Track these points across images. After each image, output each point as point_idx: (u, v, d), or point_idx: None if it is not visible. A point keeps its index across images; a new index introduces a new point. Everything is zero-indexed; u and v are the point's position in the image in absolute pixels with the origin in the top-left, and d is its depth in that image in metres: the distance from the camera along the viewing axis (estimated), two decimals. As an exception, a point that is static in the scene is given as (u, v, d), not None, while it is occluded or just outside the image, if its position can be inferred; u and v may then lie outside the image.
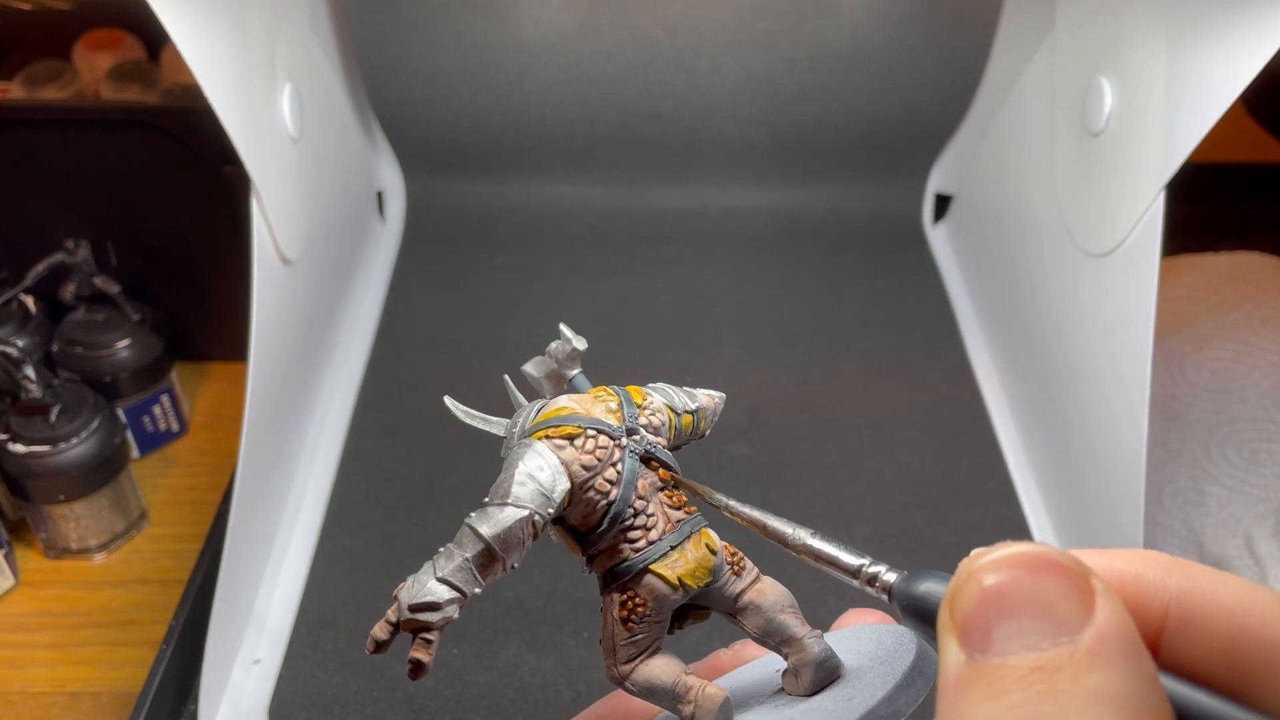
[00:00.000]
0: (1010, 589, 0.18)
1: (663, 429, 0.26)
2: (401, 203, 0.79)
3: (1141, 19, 0.50)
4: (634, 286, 0.72)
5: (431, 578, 0.23)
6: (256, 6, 0.51)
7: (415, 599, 0.23)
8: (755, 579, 0.25)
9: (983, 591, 0.18)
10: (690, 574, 0.25)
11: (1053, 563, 0.18)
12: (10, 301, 0.60)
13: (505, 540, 0.23)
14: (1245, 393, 0.59)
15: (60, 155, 0.61)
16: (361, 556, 0.54)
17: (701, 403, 0.28)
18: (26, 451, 0.53)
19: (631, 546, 0.25)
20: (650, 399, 0.26)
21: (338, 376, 0.65)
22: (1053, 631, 0.17)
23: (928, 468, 0.60)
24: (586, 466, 0.24)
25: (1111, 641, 0.17)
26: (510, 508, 0.24)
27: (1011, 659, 0.17)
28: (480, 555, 0.23)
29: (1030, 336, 0.62)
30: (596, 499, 0.25)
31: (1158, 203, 0.48)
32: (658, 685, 0.25)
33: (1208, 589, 0.20)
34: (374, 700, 0.48)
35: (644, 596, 0.25)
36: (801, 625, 0.25)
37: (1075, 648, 0.17)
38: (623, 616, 0.25)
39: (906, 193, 0.79)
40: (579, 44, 0.74)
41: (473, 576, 0.23)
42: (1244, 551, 0.53)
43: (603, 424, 0.25)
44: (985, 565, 0.18)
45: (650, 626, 0.25)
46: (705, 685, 0.25)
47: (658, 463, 0.25)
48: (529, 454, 0.24)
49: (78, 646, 0.53)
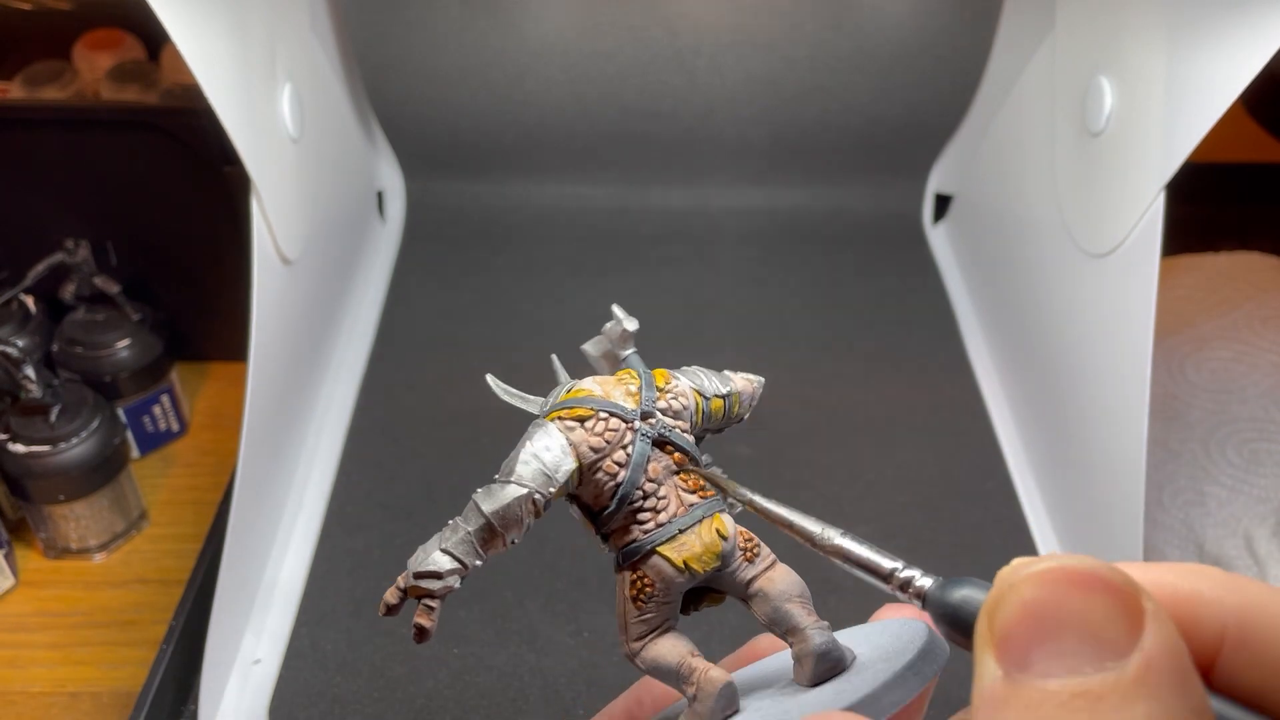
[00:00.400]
0: (1054, 607, 0.17)
1: (685, 413, 0.26)
2: (401, 203, 0.79)
3: (1141, 19, 0.50)
4: (634, 286, 0.72)
5: (437, 549, 0.25)
6: (256, 6, 0.51)
7: (419, 567, 0.25)
8: (769, 566, 0.26)
9: (1023, 607, 0.17)
10: (696, 558, 0.25)
11: (1101, 580, 0.17)
12: (10, 301, 0.60)
13: (504, 517, 0.24)
14: (1245, 393, 0.59)
15: (60, 155, 0.61)
16: (361, 556, 0.54)
17: (737, 387, 0.28)
18: (26, 451, 0.53)
19: (641, 528, 0.25)
20: (674, 382, 0.27)
21: (338, 376, 0.65)
22: (1097, 655, 0.16)
23: (928, 468, 0.60)
24: (595, 448, 0.25)
25: (1160, 668, 0.16)
26: (512, 485, 0.24)
27: (1053, 683, 0.16)
28: (481, 530, 0.24)
29: (1030, 336, 0.62)
30: (605, 480, 0.25)
31: (1158, 203, 0.48)
32: (664, 665, 0.25)
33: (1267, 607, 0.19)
34: (374, 700, 0.48)
35: (652, 577, 0.25)
36: (807, 616, 0.25)
37: (1121, 674, 0.16)
38: (632, 595, 0.25)
39: (906, 193, 0.79)
40: (579, 44, 0.74)
41: (474, 550, 0.25)
42: (1244, 551, 0.53)
43: (616, 407, 0.25)
44: (1028, 578, 0.17)
45: (659, 607, 0.25)
46: (709, 669, 0.25)
47: (673, 447, 0.26)
48: (539, 434, 0.25)
49: (78, 646, 0.53)
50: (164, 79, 0.69)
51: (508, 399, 0.27)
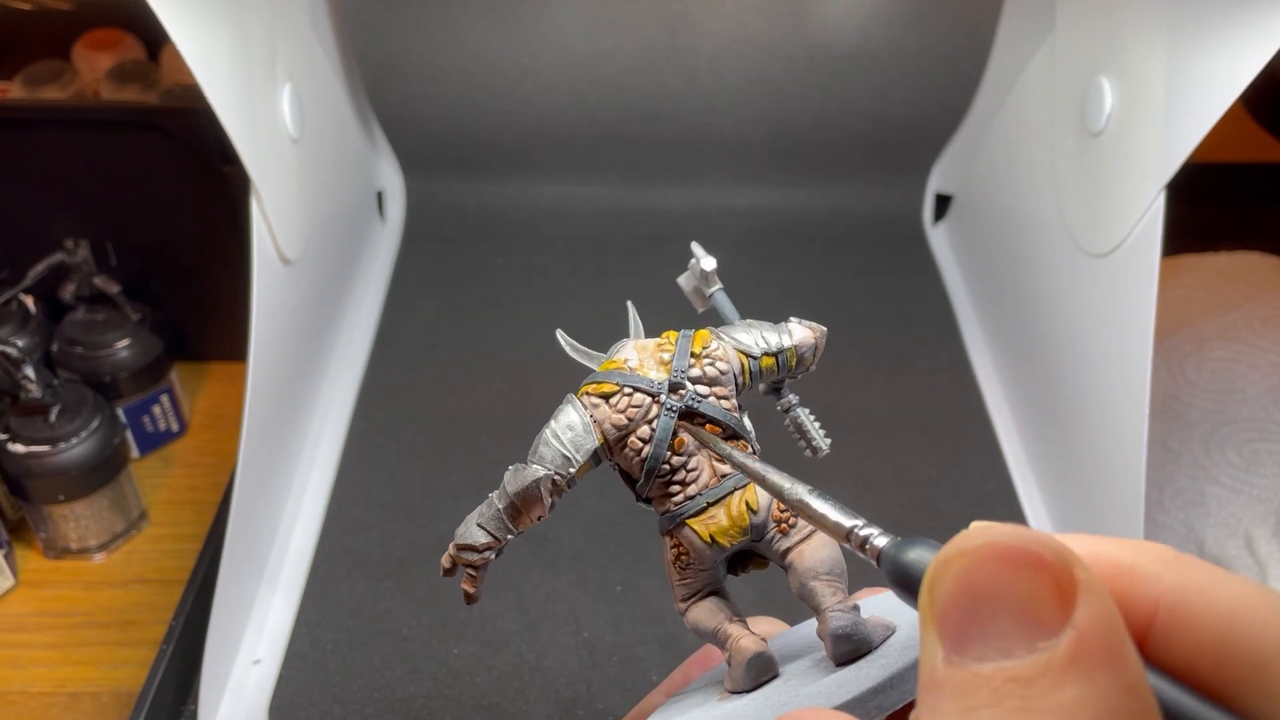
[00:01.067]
0: (985, 585, 0.17)
1: (726, 377, 0.26)
2: (401, 203, 0.79)
3: (1141, 19, 0.50)
4: (634, 286, 0.72)
5: (475, 523, 0.26)
6: (256, 6, 0.51)
7: (460, 540, 0.26)
8: (803, 539, 0.25)
9: (956, 585, 0.17)
10: (722, 532, 0.25)
11: (1031, 554, 0.16)
12: (10, 301, 0.60)
13: (524, 497, 0.25)
14: (1245, 393, 0.59)
15: (60, 155, 0.61)
16: (361, 556, 0.54)
17: (796, 338, 0.27)
18: (26, 451, 0.53)
19: (672, 500, 0.26)
20: (713, 345, 0.26)
21: (338, 376, 0.65)
22: (1028, 635, 0.16)
23: (928, 468, 0.60)
24: (618, 425, 0.25)
25: (1091, 645, 0.16)
26: (533, 467, 0.25)
27: (986, 666, 0.16)
28: (508, 509, 0.26)
29: (1030, 336, 0.62)
30: (631, 455, 0.26)
31: (1158, 203, 0.47)
32: (703, 628, 0.26)
33: (1204, 588, 0.19)
34: (374, 700, 0.48)
35: (686, 546, 0.26)
36: (831, 595, 0.24)
37: (1052, 655, 0.16)
38: (673, 559, 0.26)
39: (906, 193, 0.79)
40: (579, 44, 0.74)
41: (504, 525, 0.26)
42: (1244, 551, 0.53)
43: (643, 381, 0.26)
44: (960, 554, 0.17)
45: (697, 573, 0.26)
46: (741, 637, 0.25)
47: (703, 418, 0.26)
48: (564, 411, 0.26)
49: (78, 646, 0.53)
50: (164, 79, 0.69)
51: (574, 355, 0.28)
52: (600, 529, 0.55)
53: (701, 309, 0.29)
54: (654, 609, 0.51)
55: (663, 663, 0.49)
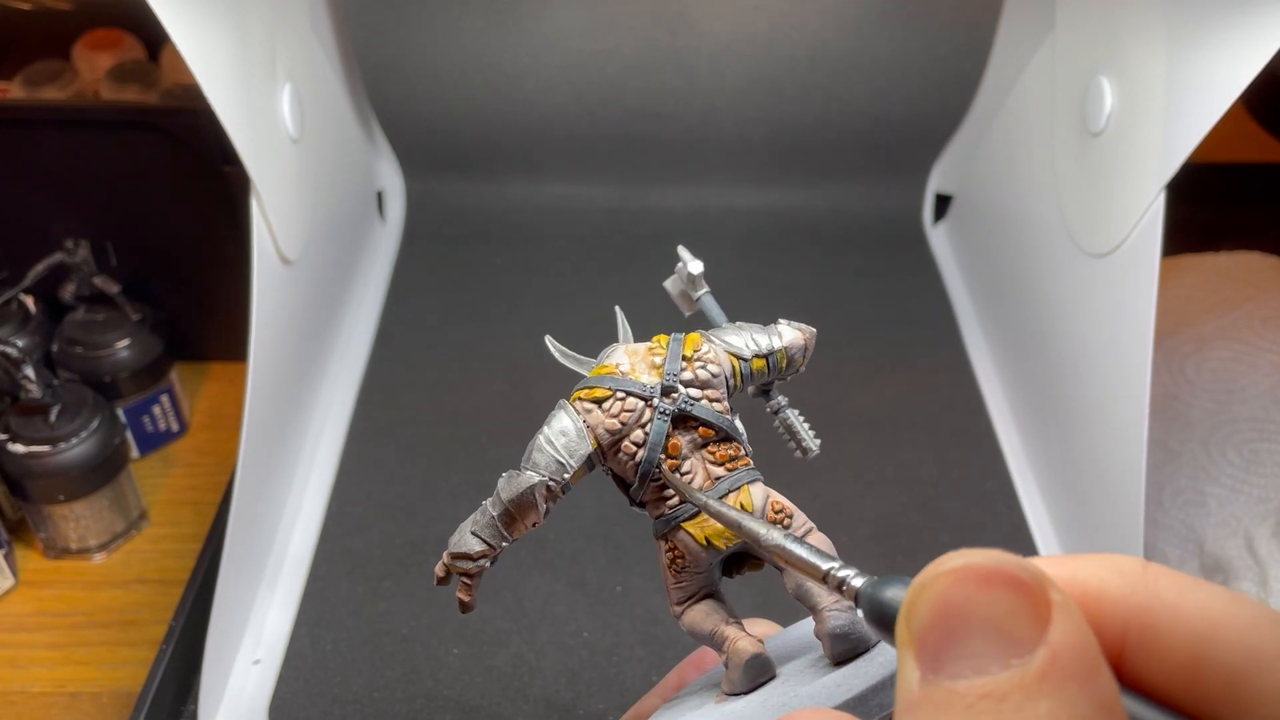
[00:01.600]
0: (960, 606, 0.17)
1: (717, 380, 0.26)
2: (401, 203, 0.79)
3: (1141, 19, 0.50)
4: (634, 286, 0.72)
5: (469, 531, 0.26)
6: (256, 6, 0.51)
7: (454, 548, 0.26)
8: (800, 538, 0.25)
9: (933, 607, 0.17)
10: (718, 535, 0.25)
11: (1005, 575, 0.17)
12: (10, 301, 0.60)
13: (519, 504, 0.25)
14: (1245, 393, 0.59)
15: (60, 155, 0.61)
16: (361, 557, 0.54)
17: (785, 340, 0.27)
18: (26, 451, 0.53)
19: (667, 503, 0.26)
20: (704, 348, 0.26)
21: (338, 376, 0.65)
22: (1003, 653, 0.16)
23: (928, 468, 0.60)
24: (611, 430, 0.25)
25: (1064, 663, 0.16)
26: (527, 474, 0.25)
27: (961, 684, 0.16)
28: (502, 515, 0.26)
29: (1030, 336, 0.62)
30: (625, 459, 0.26)
31: (1158, 203, 0.47)
32: (700, 631, 0.26)
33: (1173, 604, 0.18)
34: (374, 700, 0.48)
35: (681, 549, 0.26)
36: (828, 595, 0.24)
37: (1025, 671, 0.16)
38: (668, 563, 0.26)
39: (906, 193, 0.79)
40: (579, 44, 0.74)
41: (499, 533, 0.26)
42: (1244, 551, 0.53)
43: (635, 385, 0.26)
44: (937, 578, 0.17)
45: (693, 576, 0.26)
46: (739, 639, 0.25)
47: (696, 421, 0.26)
48: (556, 417, 0.26)
49: (78, 646, 0.53)
50: (164, 79, 0.69)
51: (564, 361, 0.28)
52: (599, 531, 0.55)
53: (689, 312, 0.29)
54: (653, 610, 0.51)
55: (662, 664, 0.49)
